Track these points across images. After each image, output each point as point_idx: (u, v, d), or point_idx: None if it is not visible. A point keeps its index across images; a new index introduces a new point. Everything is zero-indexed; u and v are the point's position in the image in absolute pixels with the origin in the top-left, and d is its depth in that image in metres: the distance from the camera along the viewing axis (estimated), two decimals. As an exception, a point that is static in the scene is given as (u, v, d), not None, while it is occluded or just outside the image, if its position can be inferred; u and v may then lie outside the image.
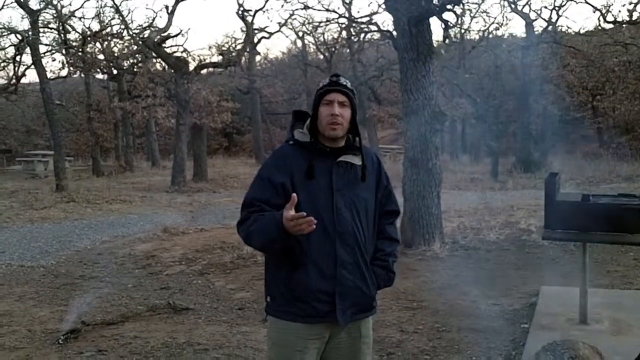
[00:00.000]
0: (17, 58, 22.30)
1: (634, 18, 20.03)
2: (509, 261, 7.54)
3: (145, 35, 20.96)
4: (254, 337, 5.09)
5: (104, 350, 4.92)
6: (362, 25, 23.44)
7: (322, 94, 2.55)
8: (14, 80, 22.87)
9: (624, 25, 21.53)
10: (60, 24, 21.86)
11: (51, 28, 22.37)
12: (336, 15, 25.07)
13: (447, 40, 12.58)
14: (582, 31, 23.79)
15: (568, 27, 40.12)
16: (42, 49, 20.56)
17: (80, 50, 22.44)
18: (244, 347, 4.87)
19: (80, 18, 37.04)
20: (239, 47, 23.91)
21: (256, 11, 24.06)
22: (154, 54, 21.29)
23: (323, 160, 2.54)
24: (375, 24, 21.82)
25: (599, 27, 22.29)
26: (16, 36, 21.00)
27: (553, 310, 5.24)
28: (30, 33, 18.45)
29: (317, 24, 26.68)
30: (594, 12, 23.28)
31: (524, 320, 5.15)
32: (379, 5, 21.83)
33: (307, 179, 2.49)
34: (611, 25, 21.88)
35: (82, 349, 4.95)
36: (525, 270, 6.97)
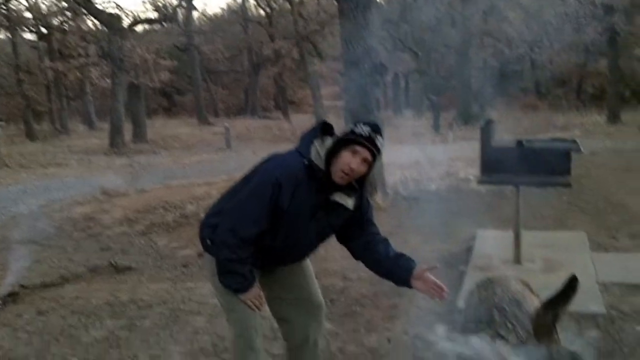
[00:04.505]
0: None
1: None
2: (448, 209, 7.71)
3: (75, -9, 20.02)
4: (198, 291, 5.07)
5: (44, 311, 4.82)
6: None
7: (354, 141, 2.48)
8: None
9: (561, -23, 21.91)
10: (-19, -21, 20.62)
11: (-29, -17, 21.08)
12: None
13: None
14: (520, -17, 24.08)
15: (506, -20, 40.49)
16: (-37, 6, 19.41)
17: (4, 7, 21.25)
18: (189, 301, 4.86)
19: (3, -26, 34.91)
20: (174, 2, 23.17)
21: (192, -35, 23.21)
22: (84, 11, 20.37)
23: (321, 191, 2.54)
24: (315, -25, 21.51)
25: (537, -21, 22.61)
26: None
27: (489, 252, 5.44)
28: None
29: (255, -24, 26.11)
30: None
31: (461, 263, 5.33)
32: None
33: (309, 218, 2.55)
34: (548, -23, 22.24)
35: (21, 312, 4.83)
36: (463, 217, 7.14)
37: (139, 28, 22.29)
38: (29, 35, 25.92)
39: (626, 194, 8.11)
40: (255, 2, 30.09)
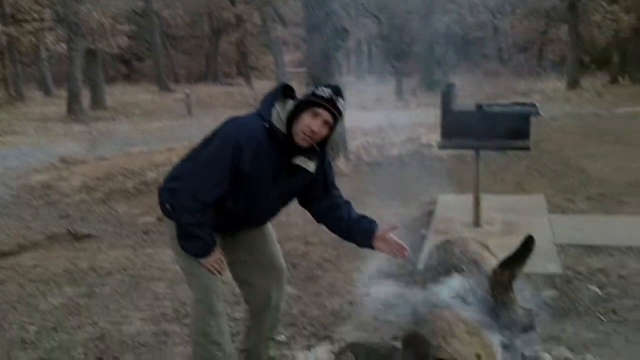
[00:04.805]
0: None
1: None
2: (410, 174, 7.78)
3: (26, -49, 19.22)
4: (159, 258, 5.03)
5: (2, 280, 4.72)
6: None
7: (315, 103, 2.44)
8: None
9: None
10: None
11: None
12: None
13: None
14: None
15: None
16: None
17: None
18: (150, 267, 4.81)
19: None
20: (132, -35, 22.44)
21: None
22: (37, -27, 19.62)
23: (282, 154, 2.50)
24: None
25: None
26: None
27: (449, 216, 5.52)
28: None
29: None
30: None
31: (422, 227, 5.39)
32: None
33: (271, 181, 2.52)
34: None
35: (-23, 282, 4.72)
36: (424, 182, 7.20)
37: (96, -9, 21.49)
38: (-22, -2, 24.83)
39: (584, 158, 8.30)
40: (216, -34, 29.37)
